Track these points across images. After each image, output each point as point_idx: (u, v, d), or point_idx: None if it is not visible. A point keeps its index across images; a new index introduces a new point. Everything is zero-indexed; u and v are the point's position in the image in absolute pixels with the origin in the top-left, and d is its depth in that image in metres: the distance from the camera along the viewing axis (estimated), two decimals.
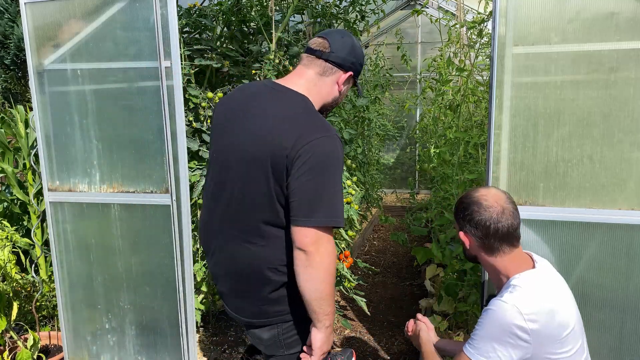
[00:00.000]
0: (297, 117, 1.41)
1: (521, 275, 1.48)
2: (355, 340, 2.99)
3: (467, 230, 1.54)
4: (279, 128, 1.38)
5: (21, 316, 2.73)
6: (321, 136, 1.35)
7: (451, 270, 2.62)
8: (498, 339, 1.41)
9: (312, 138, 1.33)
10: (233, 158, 1.45)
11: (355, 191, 2.86)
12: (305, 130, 1.36)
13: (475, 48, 2.98)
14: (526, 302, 1.40)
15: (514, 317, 1.39)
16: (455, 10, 4.79)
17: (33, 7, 2.08)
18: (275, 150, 1.35)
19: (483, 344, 1.44)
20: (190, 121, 2.60)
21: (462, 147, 3.01)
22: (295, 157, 1.32)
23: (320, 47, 1.49)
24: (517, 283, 1.46)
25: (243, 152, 1.42)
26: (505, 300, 1.41)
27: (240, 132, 1.44)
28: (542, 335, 1.40)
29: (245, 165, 1.41)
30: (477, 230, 1.50)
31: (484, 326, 1.45)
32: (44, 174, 2.21)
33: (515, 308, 1.39)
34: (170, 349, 2.20)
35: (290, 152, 1.33)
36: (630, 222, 1.69)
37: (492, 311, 1.44)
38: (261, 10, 2.78)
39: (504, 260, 1.52)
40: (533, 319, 1.39)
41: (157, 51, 1.95)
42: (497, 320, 1.42)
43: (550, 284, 1.48)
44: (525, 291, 1.43)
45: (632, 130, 1.66)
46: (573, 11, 1.67)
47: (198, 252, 2.73)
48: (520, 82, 1.74)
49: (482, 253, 1.55)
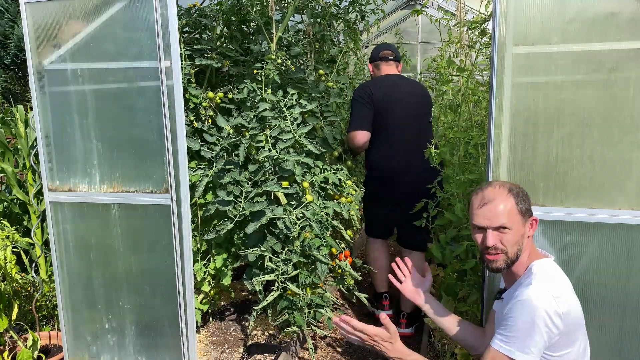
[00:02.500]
0: (420, 85, 3.19)
1: (538, 263, 1.53)
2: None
3: (532, 214, 1.60)
4: (422, 91, 3.06)
5: (21, 316, 2.73)
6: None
7: (451, 270, 2.62)
8: (533, 329, 1.40)
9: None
10: (413, 109, 2.94)
11: (356, 191, 2.86)
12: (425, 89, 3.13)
13: (475, 48, 2.98)
14: (554, 287, 1.44)
15: (548, 302, 1.40)
16: (455, 10, 4.78)
17: (33, 7, 2.08)
18: (428, 100, 3.02)
19: (520, 339, 1.41)
20: (191, 121, 2.60)
21: (463, 147, 3.01)
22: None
23: (391, 56, 3.08)
24: (537, 272, 1.50)
25: (414, 107, 2.95)
26: (537, 287, 1.43)
27: (411, 96, 2.95)
28: (569, 317, 1.43)
29: (420, 110, 2.94)
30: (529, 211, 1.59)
31: (518, 318, 1.42)
32: (44, 174, 2.21)
33: (548, 292, 1.42)
34: (170, 349, 2.20)
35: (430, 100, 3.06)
36: (630, 222, 1.69)
37: (524, 301, 1.42)
38: (261, 10, 2.78)
39: (533, 246, 1.60)
40: (562, 302, 1.42)
41: (157, 51, 1.95)
42: (531, 309, 1.40)
43: (563, 273, 1.55)
44: (549, 277, 1.48)
45: (632, 130, 1.66)
46: (573, 11, 1.67)
47: (198, 252, 2.73)
48: (520, 82, 1.74)
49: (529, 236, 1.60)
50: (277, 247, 2.47)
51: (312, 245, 2.42)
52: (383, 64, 3.06)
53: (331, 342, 2.96)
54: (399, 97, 2.90)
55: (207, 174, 2.50)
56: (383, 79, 3.00)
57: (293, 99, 2.55)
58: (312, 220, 2.41)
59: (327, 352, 2.85)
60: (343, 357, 2.81)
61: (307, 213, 2.42)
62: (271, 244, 2.47)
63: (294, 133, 2.47)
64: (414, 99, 2.94)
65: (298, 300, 2.47)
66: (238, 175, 2.49)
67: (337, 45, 3.32)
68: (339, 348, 2.89)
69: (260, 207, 2.44)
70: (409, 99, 2.92)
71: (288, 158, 2.44)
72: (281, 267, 2.44)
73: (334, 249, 2.57)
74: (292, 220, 2.40)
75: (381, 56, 3.06)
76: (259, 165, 2.52)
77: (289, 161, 2.44)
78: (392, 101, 2.89)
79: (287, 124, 2.48)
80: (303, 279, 2.48)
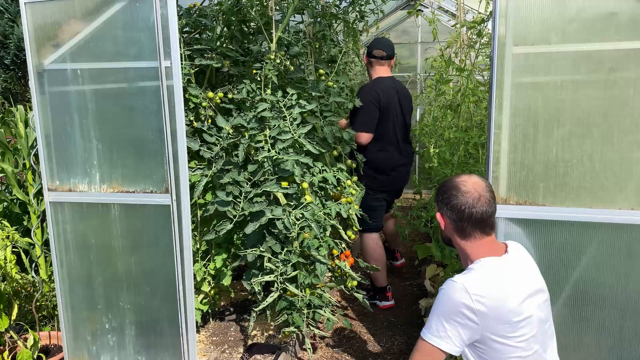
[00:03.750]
0: (404, 86, 3.43)
1: (482, 260, 1.54)
2: (356, 340, 2.99)
3: (444, 212, 1.62)
4: (408, 92, 3.42)
5: (21, 316, 2.73)
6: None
7: (451, 269, 2.62)
8: (448, 317, 1.47)
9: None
10: (404, 110, 3.31)
11: (356, 191, 2.86)
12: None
13: (475, 48, 2.98)
14: (475, 284, 1.46)
15: (462, 296, 1.45)
16: (455, 10, 4.79)
17: (33, 7, 2.08)
18: (411, 99, 3.44)
19: (434, 323, 1.49)
20: (190, 121, 2.60)
21: (462, 147, 3.01)
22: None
23: (384, 56, 3.28)
24: (474, 267, 1.53)
25: (405, 106, 3.32)
26: (456, 280, 1.48)
27: (401, 98, 3.28)
28: (490, 317, 1.44)
29: (408, 109, 3.37)
30: (452, 213, 1.58)
31: (436, 305, 1.51)
32: (44, 174, 2.21)
33: (463, 287, 1.45)
34: (170, 349, 2.20)
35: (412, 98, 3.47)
36: (630, 222, 1.69)
37: (443, 290, 1.50)
38: (261, 10, 2.78)
39: (474, 246, 1.58)
40: (480, 300, 1.44)
41: (157, 51, 1.95)
42: (446, 299, 1.48)
43: (507, 272, 1.52)
44: (478, 274, 1.49)
45: (632, 130, 1.66)
46: (573, 11, 1.67)
47: (198, 252, 2.73)
48: (520, 82, 1.74)
49: (455, 236, 1.61)
50: (276, 248, 2.47)
51: (312, 245, 2.42)
52: (375, 64, 3.30)
53: (331, 342, 2.96)
54: (396, 101, 3.27)
55: (206, 174, 2.50)
56: (381, 81, 3.27)
57: (292, 99, 2.55)
58: (311, 221, 2.41)
59: (327, 352, 2.85)
60: (343, 357, 2.81)
61: (307, 214, 2.42)
62: (270, 245, 2.47)
63: (293, 133, 2.47)
64: (405, 102, 3.34)
65: (297, 301, 2.47)
66: (237, 175, 2.49)
67: (337, 45, 3.32)
68: (339, 348, 2.89)
69: (260, 207, 2.44)
70: (402, 102, 3.32)
71: (287, 158, 2.43)
72: (280, 267, 2.44)
73: (335, 250, 2.57)
74: (291, 220, 2.40)
75: (375, 55, 3.27)
76: (258, 166, 2.52)
77: (288, 161, 2.44)
78: (392, 104, 3.24)
79: (287, 124, 2.48)
80: (302, 280, 2.48)
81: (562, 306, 1.81)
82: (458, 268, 2.63)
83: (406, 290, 3.74)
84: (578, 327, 1.81)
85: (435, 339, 1.48)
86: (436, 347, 1.48)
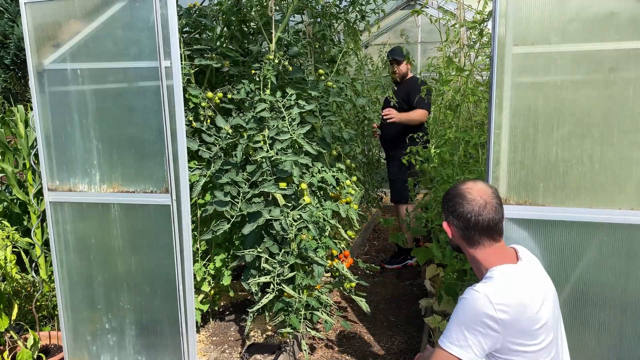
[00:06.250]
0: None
1: (498, 268, 1.51)
2: (355, 340, 2.99)
3: (450, 220, 1.60)
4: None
5: (21, 316, 2.73)
6: None
7: (451, 270, 2.62)
8: (469, 327, 1.44)
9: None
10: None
11: (355, 191, 2.86)
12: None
13: (475, 48, 2.98)
14: (497, 293, 1.44)
15: (484, 305, 1.42)
16: (455, 10, 4.78)
17: (33, 7, 2.08)
18: None
19: (455, 332, 1.47)
20: (190, 121, 2.60)
21: (462, 147, 3.01)
22: None
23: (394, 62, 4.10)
24: (492, 275, 1.50)
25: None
26: (478, 290, 1.46)
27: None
28: (511, 326, 1.42)
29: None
30: (459, 221, 1.56)
31: (456, 314, 1.48)
32: (44, 173, 2.21)
33: (486, 297, 1.43)
34: (170, 349, 2.20)
35: None
36: (630, 222, 1.69)
37: (464, 299, 1.48)
38: (261, 10, 2.78)
39: (484, 253, 1.56)
40: (503, 309, 1.42)
41: (157, 51, 1.95)
42: (468, 308, 1.46)
43: (526, 279, 1.51)
44: (498, 282, 1.47)
45: (632, 130, 1.66)
46: (573, 11, 1.67)
47: (198, 252, 2.73)
48: (520, 82, 1.74)
49: (464, 244, 1.60)
50: (273, 249, 2.47)
51: (309, 247, 2.41)
52: (394, 66, 4.18)
53: (330, 342, 2.96)
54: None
55: (205, 174, 2.50)
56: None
57: (292, 100, 2.55)
58: (308, 222, 2.41)
59: (327, 353, 2.85)
60: (343, 358, 2.81)
61: (304, 215, 2.42)
62: (268, 246, 2.47)
63: (292, 133, 2.47)
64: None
65: (294, 302, 2.47)
66: (236, 175, 2.49)
67: (337, 45, 3.32)
68: (339, 348, 2.89)
69: (257, 208, 2.43)
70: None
71: (285, 159, 2.43)
72: (277, 268, 2.44)
73: (334, 250, 2.57)
74: (289, 221, 2.40)
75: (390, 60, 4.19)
76: (256, 166, 2.51)
77: (287, 162, 2.43)
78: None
79: (285, 125, 2.48)
80: (300, 281, 2.48)
81: (562, 306, 1.81)
82: (458, 268, 2.62)
83: (406, 290, 3.74)
84: (578, 327, 1.80)
85: (455, 348, 1.45)
86: (456, 356, 1.45)
